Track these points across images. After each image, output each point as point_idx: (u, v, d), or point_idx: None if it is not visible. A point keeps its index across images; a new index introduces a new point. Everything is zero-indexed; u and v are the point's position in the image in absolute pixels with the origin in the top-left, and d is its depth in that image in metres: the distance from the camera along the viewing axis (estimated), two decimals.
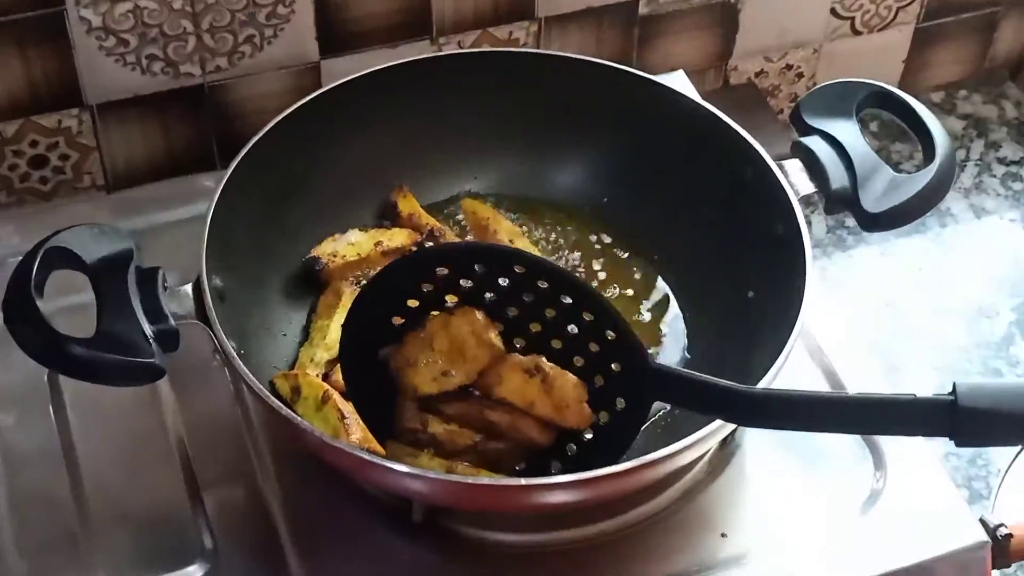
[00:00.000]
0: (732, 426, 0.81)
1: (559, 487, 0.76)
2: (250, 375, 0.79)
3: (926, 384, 1.12)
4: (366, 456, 0.77)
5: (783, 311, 0.83)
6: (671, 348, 0.93)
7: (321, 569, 0.83)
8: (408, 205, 0.97)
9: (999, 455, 1.06)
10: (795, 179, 0.89)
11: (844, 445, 0.90)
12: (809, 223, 0.88)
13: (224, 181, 0.87)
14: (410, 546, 0.84)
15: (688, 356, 0.92)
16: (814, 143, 0.90)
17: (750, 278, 0.90)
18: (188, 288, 0.82)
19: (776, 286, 0.86)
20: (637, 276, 0.96)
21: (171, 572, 0.84)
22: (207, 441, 0.90)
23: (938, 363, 1.13)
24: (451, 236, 0.96)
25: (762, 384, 0.79)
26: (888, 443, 0.89)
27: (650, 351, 0.91)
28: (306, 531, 0.85)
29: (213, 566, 0.84)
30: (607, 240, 0.98)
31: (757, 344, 0.85)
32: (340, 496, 0.86)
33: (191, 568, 0.84)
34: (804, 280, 0.84)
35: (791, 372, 0.91)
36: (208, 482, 0.88)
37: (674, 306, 0.95)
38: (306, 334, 0.92)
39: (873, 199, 0.88)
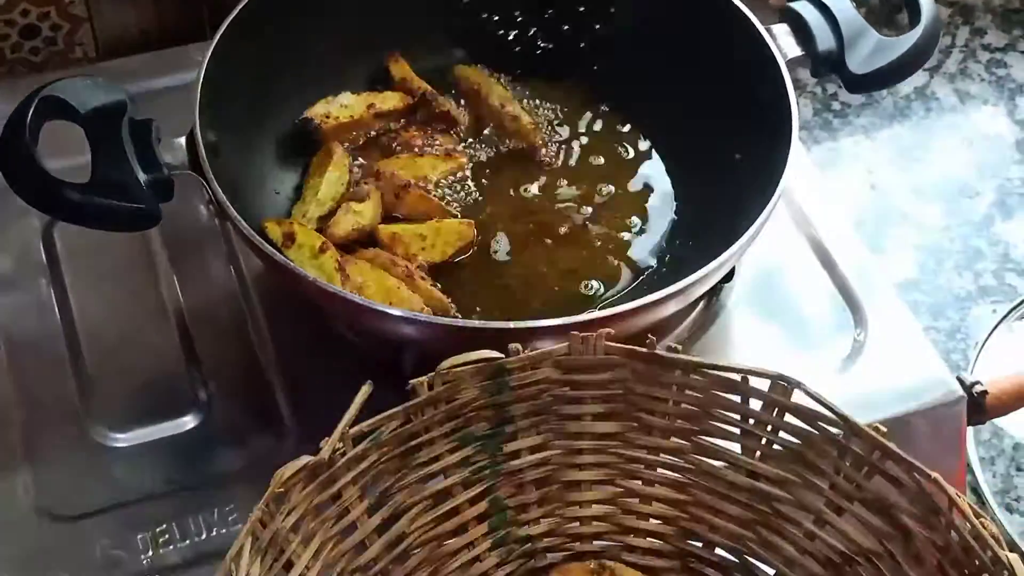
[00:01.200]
0: (718, 277, 0.82)
1: (545, 331, 0.77)
2: (243, 222, 0.80)
3: (907, 263, 1.13)
4: (359, 300, 0.78)
5: (769, 173, 0.84)
6: (660, 211, 0.94)
7: (312, 421, 0.84)
8: (400, 70, 0.97)
9: (978, 329, 1.08)
10: (783, 42, 0.90)
11: (826, 305, 0.92)
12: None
13: (216, 39, 0.88)
14: (401, 399, 0.85)
15: (676, 218, 0.93)
16: (802, 7, 0.91)
17: (737, 141, 0.91)
18: (182, 140, 0.83)
19: (763, 148, 0.87)
20: (626, 140, 0.97)
21: (166, 422, 0.85)
22: (201, 298, 0.91)
23: (919, 242, 1.15)
24: (444, 100, 0.97)
25: (743, 240, 0.80)
26: (869, 301, 0.91)
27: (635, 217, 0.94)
28: (298, 384, 0.87)
29: (207, 416, 0.86)
30: (596, 106, 0.99)
31: (743, 206, 0.86)
32: (332, 351, 0.88)
33: (186, 418, 0.86)
34: (790, 142, 0.85)
35: (778, 239, 0.92)
36: (202, 337, 0.89)
37: (662, 170, 0.96)
38: (298, 194, 0.93)
39: (859, 61, 0.89)
